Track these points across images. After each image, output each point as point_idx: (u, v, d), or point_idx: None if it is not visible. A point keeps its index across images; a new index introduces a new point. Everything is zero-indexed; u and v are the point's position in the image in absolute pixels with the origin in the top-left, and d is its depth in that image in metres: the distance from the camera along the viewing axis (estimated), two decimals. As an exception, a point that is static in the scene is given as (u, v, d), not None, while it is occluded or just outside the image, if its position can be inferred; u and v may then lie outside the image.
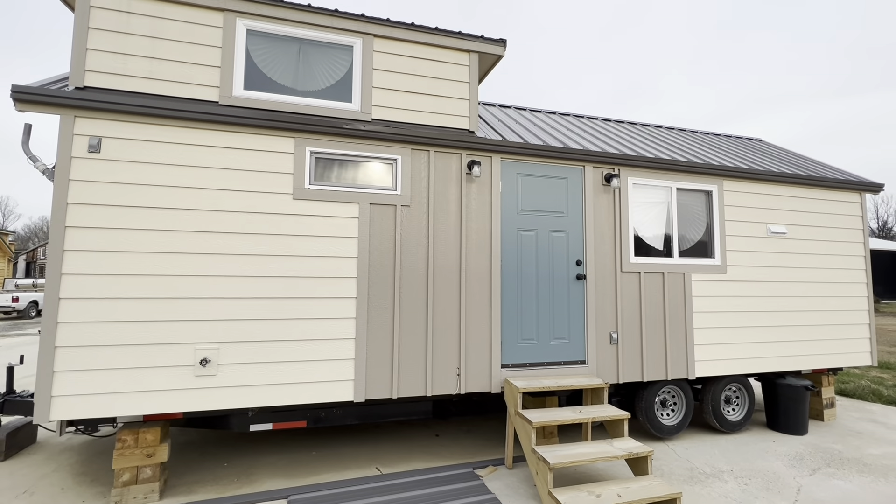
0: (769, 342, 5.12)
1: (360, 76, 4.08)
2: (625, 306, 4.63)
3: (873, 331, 5.63)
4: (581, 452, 3.51)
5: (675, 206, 4.96)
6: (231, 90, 3.73)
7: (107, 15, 3.51)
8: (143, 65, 3.57)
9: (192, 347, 3.44)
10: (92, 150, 3.34)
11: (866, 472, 4.07)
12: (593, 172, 4.66)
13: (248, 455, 4.27)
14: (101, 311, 3.29)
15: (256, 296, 3.61)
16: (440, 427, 5.13)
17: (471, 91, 4.41)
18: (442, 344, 4.05)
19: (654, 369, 4.66)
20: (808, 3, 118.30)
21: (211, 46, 3.72)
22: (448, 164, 4.22)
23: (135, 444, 3.39)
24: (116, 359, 3.29)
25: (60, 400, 3.18)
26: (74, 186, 3.30)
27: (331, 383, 3.72)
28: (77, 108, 3.32)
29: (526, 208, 4.44)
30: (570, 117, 6.59)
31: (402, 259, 4.01)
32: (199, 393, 3.43)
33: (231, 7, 3.75)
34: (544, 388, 3.94)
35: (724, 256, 5.05)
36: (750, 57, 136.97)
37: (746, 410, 5.11)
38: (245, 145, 3.69)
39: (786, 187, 5.44)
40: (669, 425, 4.78)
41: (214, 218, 3.56)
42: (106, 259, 3.32)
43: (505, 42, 4.52)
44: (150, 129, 3.49)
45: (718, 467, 4.13)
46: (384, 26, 4.13)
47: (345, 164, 3.97)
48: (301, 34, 3.96)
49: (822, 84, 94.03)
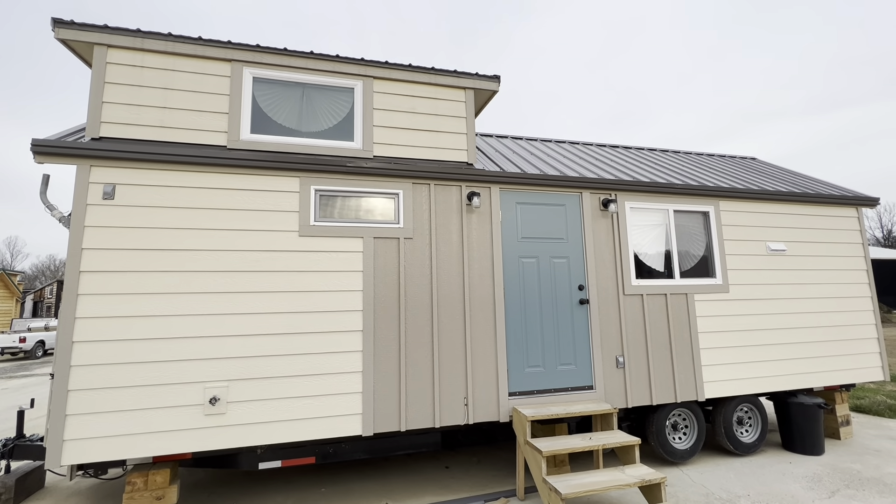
0: (777, 360, 5.09)
1: (361, 116, 4.26)
2: (629, 329, 4.65)
3: (882, 344, 5.59)
4: (593, 481, 3.47)
5: (673, 227, 5.04)
6: (238, 134, 3.90)
7: (122, 70, 3.72)
8: (155, 114, 3.75)
9: (201, 386, 3.47)
10: (106, 197, 3.48)
11: (887, 492, 3.98)
12: (591, 198, 4.77)
13: (257, 494, 4.23)
14: (113, 354, 3.35)
15: (264, 332, 3.67)
16: (450, 458, 5.07)
17: (468, 125, 4.57)
18: (449, 374, 4.06)
19: (663, 392, 4.63)
20: (784, 25, 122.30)
21: (219, 94, 3.92)
22: (448, 197, 4.34)
23: (144, 486, 3.38)
24: (128, 400, 3.33)
25: (73, 444, 3.21)
26: (89, 232, 3.42)
27: (339, 417, 3.73)
28: (93, 158, 3.48)
29: (526, 236, 4.53)
30: (566, 144, 6.76)
31: (407, 290, 4.07)
32: (208, 432, 3.45)
33: (238, 57, 3.96)
34: (553, 415, 3.93)
35: (726, 275, 5.09)
36: (738, 77, 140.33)
37: (760, 431, 5.03)
38: (252, 186, 3.83)
39: (782, 205, 5.53)
40: (682, 449, 4.71)
41: (223, 257, 3.67)
42: (118, 302, 3.41)
43: (499, 78, 4.72)
44: (162, 174, 3.64)
45: (735, 492, 4.05)
46: (383, 68, 4.33)
47: (348, 200, 4.09)
48: (304, 79, 4.17)
49: (809, 99, 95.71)
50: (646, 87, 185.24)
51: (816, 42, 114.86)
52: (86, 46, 3.75)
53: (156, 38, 3.79)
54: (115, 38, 3.70)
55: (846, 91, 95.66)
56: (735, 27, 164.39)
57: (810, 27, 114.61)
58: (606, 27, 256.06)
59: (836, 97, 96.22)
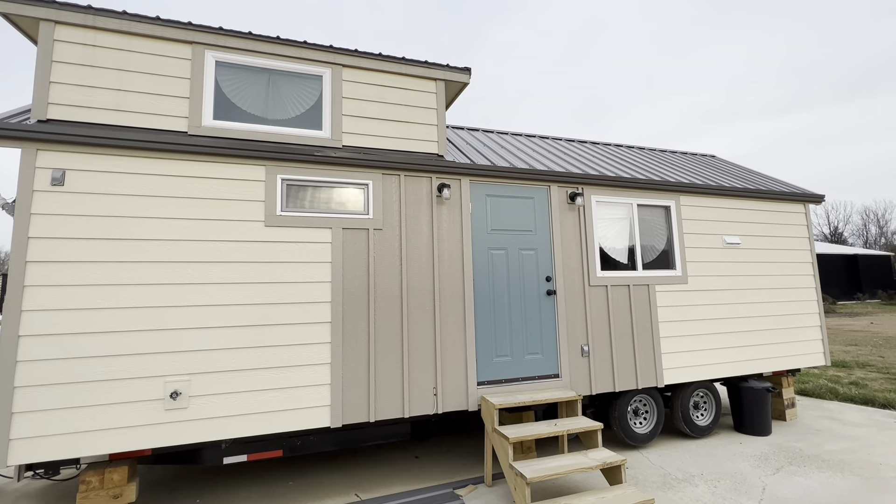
0: (731, 347, 5.38)
1: (329, 105, 4.18)
2: (594, 319, 4.80)
3: (825, 332, 6.00)
4: (557, 465, 3.58)
5: (636, 221, 5.22)
6: (200, 120, 3.76)
7: (72, 49, 3.51)
8: (110, 97, 3.56)
9: (161, 380, 3.36)
10: (55, 183, 3.29)
11: (825, 467, 4.30)
12: (558, 192, 4.87)
13: (221, 490, 4.14)
14: (64, 348, 3.19)
15: (228, 324, 3.58)
16: (420, 449, 5.11)
17: (438, 117, 4.57)
18: (418, 364, 4.08)
19: (625, 379, 4.82)
20: (746, 29, 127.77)
21: (179, 78, 3.75)
22: (419, 188, 4.34)
23: (100, 485, 3.25)
24: (81, 396, 3.18)
25: (20, 443, 3.04)
26: (36, 220, 3.23)
27: (307, 410, 3.69)
28: (39, 142, 3.28)
29: (496, 228, 4.59)
30: (536, 138, 6.86)
31: (377, 282, 4.06)
32: (169, 427, 3.34)
33: (200, 40, 3.81)
34: (520, 403, 4.02)
35: (685, 267, 5.32)
36: (701, 77, 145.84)
37: (714, 415, 5.32)
38: (215, 174, 3.70)
39: (737, 200, 5.81)
40: (643, 433, 4.92)
41: (184, 248, 3.54)
42: (69, 294, 3.24)
43: (469, 70, 4.73)
44: (118, 160, 3.47)
45: (690, 472, 4.28)
46: (353, 56, 4.26)
47: (316, 190, 4.03)
48: (271, 65, 4.05)
49: (768, 102, 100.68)
50: (613, 86, 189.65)
51: (766, 46, 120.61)
52: (31, 22, 3.51)
53: (109, 15, 3.58)
54: (64, 14, 3.48)
55: (797, 94, 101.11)
56: (701, 27, 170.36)
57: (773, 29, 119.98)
58: (577, 26, 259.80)
59: (789, 99, 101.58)
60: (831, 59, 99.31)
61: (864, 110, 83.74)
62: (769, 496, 3.75)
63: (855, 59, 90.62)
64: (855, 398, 6.66)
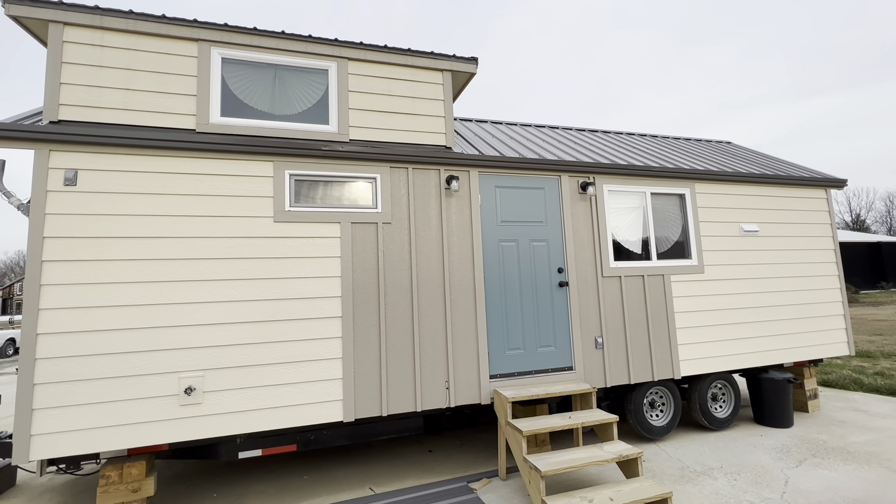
0: (749, 338, 5.24)
1: (336, 98, 4.16)
2: (608, 310, 4.72)
3: (848, 321, 5.81)
4: (572, 458, 3.53)
5: (650, 210, 5.10)
6: (208, 118, 3.77)
7: (80, 50, 3.54)
8: (119, 96, 3.59)
9: (175, 376, 3.40)
10: (68, 183, 3.33)
11: (850, 459, 4.17)
12: (569, 181, 4.78)
13: (237, 484, 4.19)
14: (80, 345, 3.24)
15: (240, 320, 3.60)
16: (433, 442, 5.10)
17: (446, 108, 4.52)
18: (430, 358, 4.06)
19: (641, 371, 4.73)
20: (755, 18, 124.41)
21: (186, 76, 3.77)
22: (427, 181, 4.29)
23: (119, 479, 3.31)
24: (98, 393, 3.23)
25: (41, 438, 3.11)
26: (50, 220, 3.28)
27: (320, 404, 3.70)
28: (51, 143, 3.32)
29: (506, 219, 4.52)
30: (546, 129, 6.76)
31: (386, 276, 4.04)
32: (184, 422, 3.38)
33: (205, 37, 3.81)
34: (533, 396, 3.97)
35: (701, 256, 5.19)
36: (715, 67, 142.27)
37: (733, 407, 5.20)
38: (224, 171, 3.71)
39: (755, 187, 5.65)
40: (659, 426, 4.83)
41: (195, 245, 3.56)
42: (84, 292, 3.29)
43: (476, 60, 4.66)
44: (128, 159, 3.49)
45: (708, 464, 4.19)
46: (358, 49, 4.23)
47: (324, 184, 4.01)
48: (276, 60, 4.04)
49: (784, 88, 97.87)
50: (626, 75, 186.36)
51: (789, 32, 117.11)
52: (40, 24, 3.55)
53: (116, 15, 3.60)
54: (72, 16, 3.51)
55: (818, 79, 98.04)
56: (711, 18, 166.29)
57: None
58: (588, 16, 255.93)
59: (809, 86, 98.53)
60: (853, 40, 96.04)
61: (888, 93, 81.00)
62: (792, 489, 3.65)
63: (879, 42, 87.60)
64: (881, 388, 6.46)
